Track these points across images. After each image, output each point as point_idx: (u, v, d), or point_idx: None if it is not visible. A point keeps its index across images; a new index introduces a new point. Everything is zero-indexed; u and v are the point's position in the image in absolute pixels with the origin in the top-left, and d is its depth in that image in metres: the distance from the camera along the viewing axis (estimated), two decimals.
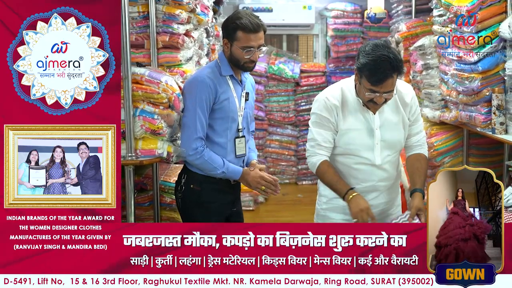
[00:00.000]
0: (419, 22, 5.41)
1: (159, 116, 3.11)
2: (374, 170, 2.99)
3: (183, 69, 3.59)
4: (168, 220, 3.60)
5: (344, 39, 7.61)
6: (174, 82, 3.27)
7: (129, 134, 3.05)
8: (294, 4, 7.73)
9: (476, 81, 3.79)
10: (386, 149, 2.98)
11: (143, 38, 3.47)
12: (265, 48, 3.03)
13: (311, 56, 8.18)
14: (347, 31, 7.59)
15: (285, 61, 7.65)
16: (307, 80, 7.65)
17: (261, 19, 3.01)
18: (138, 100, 3.10)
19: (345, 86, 2.99)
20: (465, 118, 4.10)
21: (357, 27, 7.60)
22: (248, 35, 2.93)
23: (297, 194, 7.20)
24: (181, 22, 3.55)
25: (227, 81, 3.04)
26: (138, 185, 3.52)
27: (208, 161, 2.98)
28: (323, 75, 7.71)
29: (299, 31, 8.06)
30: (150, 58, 3.49)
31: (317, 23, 7.93)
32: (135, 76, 3.10)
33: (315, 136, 2.98)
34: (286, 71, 7.50)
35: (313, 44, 8.17)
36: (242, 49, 2.95)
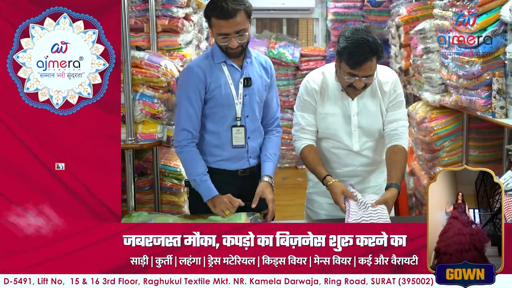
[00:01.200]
0: (419, 6, 5.38)
1: (159, 100, 3.10)
2: (354, 156, 2.99)
3: (183, 53, 3.59)
4: (168, 204, 3.60)
5: (344, 23, 7.58)
6: (174, 66, 3.26)
7: (129, 118, 3.03)
8: None
9: (476, 65, 3.77)
10: (364, 136, 2.97)
11: (143, 22, 3.46)
12: (247, 33, 2.78)
13: (311, 40, 8.16)
14: (347, 15, 7.57)
15: (285, 45, 7.63)
16: (307, 64, 7.63)
17: (244, 1, 2.75)
18: (138, 84, 3.08)
19: (327, 71, 2.98)
20: (465, 102, 4.08)
21: (357, 11, 7.59)
22: (220, 21, 2.71)
23: (297, 178, 7.21)
24: (181, 6, 3.53)
25: (222, 67, 2.87)
26: (139, 169, 3.51)
27: (186, 160, 2.87)
28: (323, 59, 7.69)
29: (299, 15, 8.03)
30: (149, 42, 3.49)
31: (317, 6, 7.91)
32: (134, 60, 3.08)
33: (299, 120, 3.01)
34: (286, 55, 7.48)
35: (313, 28, 8.14)
36: (218, 36, 2.77)
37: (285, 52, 7.51)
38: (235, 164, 2.94)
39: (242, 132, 2.90)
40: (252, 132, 2.94)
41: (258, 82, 2.93)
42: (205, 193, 2.83)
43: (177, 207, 3.60)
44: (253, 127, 2.94)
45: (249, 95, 2.90)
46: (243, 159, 2.95)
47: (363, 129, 2.96)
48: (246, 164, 2.96)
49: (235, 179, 2.95)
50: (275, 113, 3.07)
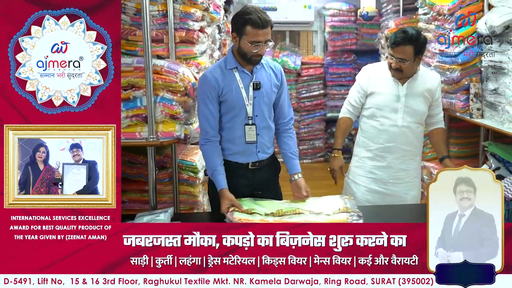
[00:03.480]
0: (406, 20, 5.38)
1: (177, 102, 3.11)
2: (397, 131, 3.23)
3: (198, 61, 3.59)
4: (185, 194, 3.60)
5: (340, 34, 7.59)
6: (190, 72, 3.27)
7: (151, 119, 3.03)
8: (296, 3, 7.71)
9: (456, 72, 3.78)
10: (409, 116, 3.21)
11: (162, 34, 3.47)
12: (272, 43, 2.84)
13: (311, 50, 8.15)
14: (342, 27, 7.57)
15: (288, 54, 7.62)
16: (307, 71, 7.63)
17: (269, 15, 2.82)
18: (159, 88, 3.09)
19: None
20: (446, 104, 4.09)
21: (352, 24, 7.59)
22: (256, 30, 2.74)
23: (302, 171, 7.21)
24: (196, 20, 3.54)
25: (233, 73, 2.87)
26: (159, 163, 3.52)
27: (204, 156, 2.93)
28: (321, 67, 7.68)
29: (300, 27, 8.02)
30: (169, 52, 3.48)
31: (316, 20, 7.90)
32: (155, 67, 3.08)
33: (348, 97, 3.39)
34: (289, 63, 7.48)
35: (312, 39, 8.13)
36: (251, 44, 2.76)
37: (288, 60, 7.50)
38: (246, 158, 2.95)
39: (254, 129, 2.91)
40: (261, 129, 2.94)
41: (267, 85, 2.93)
42: (216, 185, 2.85)
43: (193, 197, 3.60)
44: (262, 125, 2.94)
45: (258, 97, 2.90)
46: (253, 153, 2.95)
47: (409, 108, 3.22)
48: (255, 158, 2.96)
49: (246, 171, 2.96)
50: (288, 114, 3.07)
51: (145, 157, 3.24)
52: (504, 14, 3.33)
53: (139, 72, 3.09)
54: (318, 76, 7.61)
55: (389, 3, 6.02)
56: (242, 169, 2.96)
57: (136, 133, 3.08)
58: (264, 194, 2.98)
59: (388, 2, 6.06)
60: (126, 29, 3.45)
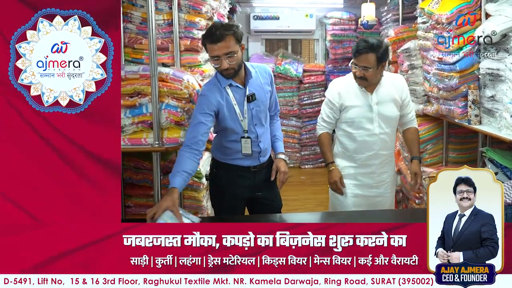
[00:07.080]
0: (405, 28, 5.37)
1: (181, 109, 3.11)
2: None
3: (202, 69, 3.59)
4: (189, 199, 3.60)
5: (340, 43, 7.59)
6: (195, 80, 3.27)
7: (156, 125, 3.04)
8: (298, 13, 7.73)
9: (454, 79, 3.77)
10: (383, 123, 3.22)
11: (168, 42, 3.47)
12: (236, 55, 2.70)
13: (312, 58, 8.15)
14: (343, 36, 7.57)
15: (290, 62, 7.62)
16: (309, 78, 7.62)
17: (233, 28, 2.71)
18: (164, 95, 3.09)
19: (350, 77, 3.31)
20: (445, 111, 4.08)
21: (352, 33, 7.59)
22: (212, 45, 2.68)
23: (300, 176, 7.20)
24: (200, 29, 3.54)
25: (227, 91, 2.82)
26: (164, 168, 3.52)
27: (177, 159, 2.70)
28: (322, 74, 7.68)
29: (302, 36, 8.03)
30: (174, 60, 3.49)
31: (317, 29, 7.91)
32: (161, 75, 3.09)
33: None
34: (291, 71, 7.48)
35: (314, 47, 8.14)
36: (211, 59, 2.75)
37: (290, 68, 7.50)
38: (248, 162, 2.97)
39: (249, 142, 2.90)
40: (261, 135, 2.96)
41: (260, 93, 2.92)
42: (171, 181, 2.61)
43: (197, 201, 3.60)
44: (261, 131, 2.96)
45: (255, 107, 2.90)
46: (255, 158, 2.98)
47: (382, 116, 3.22)
48: (257, 162, 2.99)
49: (248, 173, 2.99)
50: (275, 108, 3.16)
51: (150, 163, 3.24)
52: (501, 23, 3.32)
53: (145, 80, 3.09)
54: (319, 83, 7.61)
55: (389, 12, 6.01)
56: (244, 172, 2.98)
57: (142, 139, 3.08)
58: (264, 194, 3.03)
59: (388, 11, 6.05)
60: (132, 37, 3.45)
